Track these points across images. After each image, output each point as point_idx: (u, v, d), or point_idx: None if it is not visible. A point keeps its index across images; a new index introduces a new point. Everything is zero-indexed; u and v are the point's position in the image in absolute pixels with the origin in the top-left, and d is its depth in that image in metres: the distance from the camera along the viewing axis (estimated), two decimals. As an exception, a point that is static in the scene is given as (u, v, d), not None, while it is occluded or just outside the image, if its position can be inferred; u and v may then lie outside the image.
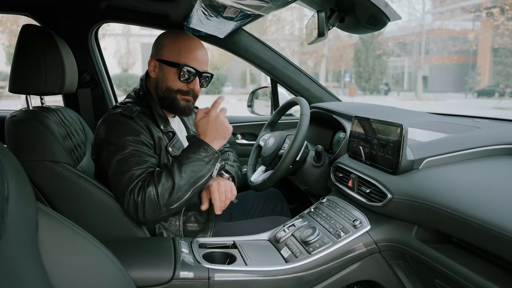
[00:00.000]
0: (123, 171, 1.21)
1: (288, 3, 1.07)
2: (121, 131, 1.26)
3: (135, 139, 1.26)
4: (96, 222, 1.26)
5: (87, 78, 2.00)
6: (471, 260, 0.86)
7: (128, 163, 1.22)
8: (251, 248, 1.21)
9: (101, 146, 1.28)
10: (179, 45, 1.35)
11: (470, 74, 24.96)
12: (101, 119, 1.34)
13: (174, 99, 1.36)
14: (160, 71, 1.37)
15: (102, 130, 1.30)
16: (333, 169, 1.42)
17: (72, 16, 1.91)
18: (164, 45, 1.37)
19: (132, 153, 1.23)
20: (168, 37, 1.39)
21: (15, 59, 1.25)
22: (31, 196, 0.67)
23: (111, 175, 1.23)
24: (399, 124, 1.06)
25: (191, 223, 1.40)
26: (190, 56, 1.34)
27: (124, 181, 1.20)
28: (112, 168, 1.22)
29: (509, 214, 0.75)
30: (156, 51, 1.39)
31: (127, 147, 1.23)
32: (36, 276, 0.64)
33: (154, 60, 1.38)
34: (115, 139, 1.25)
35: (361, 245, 1.09)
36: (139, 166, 1.22)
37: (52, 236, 0.70)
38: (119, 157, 1.22)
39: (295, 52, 26.43)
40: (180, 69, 1.32)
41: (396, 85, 30.48)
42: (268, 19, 23.65)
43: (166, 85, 1.36)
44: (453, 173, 1.00)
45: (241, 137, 2.29)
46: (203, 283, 1.03)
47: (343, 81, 30.17)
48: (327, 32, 1.19)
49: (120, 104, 1.39)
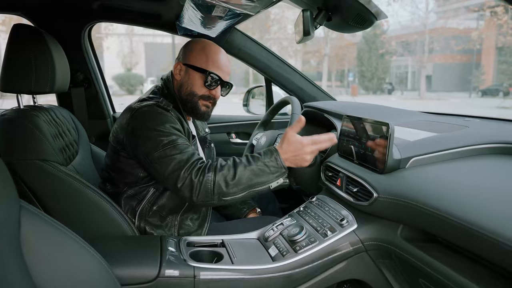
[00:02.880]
0: (173, 154, 1.21)
1: (273, 3, 1.07)
2: (161, 120, 1.27)
3: (176, 127, 1.28)
4: (86, 221, 1.27)
5: (80, 77, 2.01)
6: (455, 259, 0.85)
7: (176, 147, 1.22)
8: (239, 247, 1.21)
9: (141, 133, 1.26)
10: (207, 53, 1.40)
11: (474, 73, 24.82)
12: (131, 110, 1.32)
13: (196, 104, 1.42)
14: (185, 74, 1.42)
15: (139, 119, 1.29)
16: (323, 168, 1.42)
17: (65, 15, 1.92)
18: (193, 51, 1.42)
19: (178, 138, 1.25)
20: (198, 44, 1.44)
21: (5, 58, 1.26)
22: (14, 194, 0.68)
23: (157, 158, 1.21)
24: (386, 123, 1.06)
25: (187, 222, 1.40)
26: (216, 64, 1.40)
27: (178, 162, 1.20)
28: (159, 152, 1.21)
29: (489, 213, 0.74)
30: (184, 56, 1.44)
31: (172, 133, 1.25)
32: (17, 273, 0.65)
33: (181, 63, 1.43)
34: (156, 125, 1.25)
35: (348, 244, 1.09)
36: (188, 149, 1.23)
37: (35, 234, 0.70)
38: (165, 141, 1.22)
39: (298, 51, 26.42)
40: (206, 75, 1.38)
41: (399, 85, 30.38)
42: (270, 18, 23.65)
43: (190, 89, 1.41)
44: (438, 172, 1.00)
45: (235, 136, 2.29)
46: (188, 281, 1.03)
47: (346, 81, 30.10)
48: (313, 31, 1.18)
49: (147, 97, 1.39)
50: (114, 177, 1.39)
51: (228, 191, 1.19)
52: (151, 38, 27.29)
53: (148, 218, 1.35)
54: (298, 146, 1.21)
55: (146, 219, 1.35)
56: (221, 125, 2.28)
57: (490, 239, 0.70)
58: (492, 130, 1.21)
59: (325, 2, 1.21)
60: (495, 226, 0.70)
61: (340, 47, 26.95)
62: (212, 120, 2.25)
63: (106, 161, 1.45)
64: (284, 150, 1.22)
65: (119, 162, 1.36)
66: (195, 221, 1.42)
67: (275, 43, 25.41)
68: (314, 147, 1.22)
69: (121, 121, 1.34)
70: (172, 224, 1.38)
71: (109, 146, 1.43)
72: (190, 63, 1.41)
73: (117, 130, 1.36)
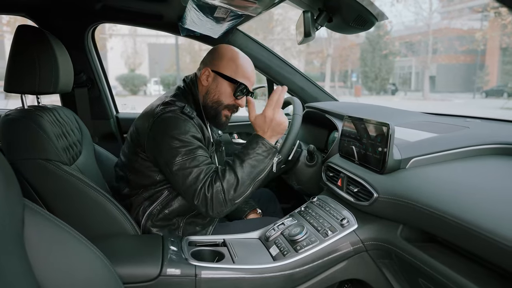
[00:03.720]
0: (192, 166, 1.22)
1: (274, 4, 1.07)
2: (184, 128, 1.26)
3: (197, 137, 1.28)
4: (88, 220, 1.28)
5: (83, 78, 2.02)
6: (454, 259, 0.86)
7: (196, 158, 1.23)
8: (241, 246, 1.22)
9: (163, 140, 1.26)
10: (237, 62, 1.39)
11: (478, 73, 24.70)
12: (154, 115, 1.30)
13: (220, 113, 1.42)
14: (214, 82, 1.40)
15: (162, 125, 1.28)
16: (324, 169, 1.42)
17: (68, 17, 1.93)
18: (223, 59, 1.40)
19: (198, 149, 1.25)
20: (227, 51, 1.42)
21: (10, 59, 1.27)
22: (18, 193, 0.69)
23: (177, 169, 1.22)
24: (386, 123, 1.07)
25: (192, 224, 1.41)
26: (246, 75, 1.40)
27: (195, 177, 1.21)
28: (178, 162, 1.22)
29: (487, 213, 0.75)
30: (212, 62, 1.42)
31: (193, 143, 1.25)
32: (21, 271, 0.66)
33: (209, 70, 1.40)
34: (179, 134, 1.25)
35: (348, 244, 1.10)
36: (205, 162, 1.25)
37: (38, 233, 0.71)
38: (185, 152, 1.23)
39: (301, 52, 26.38)
40: (237, 86, 1.38)
41: (403, 85, 30.28)
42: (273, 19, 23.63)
43: (218, 98, 1.40)
44: (438, 173, 1.01)
45: (237, 137, 2.30)
46: (190, 280, 1.04)
47: (350, 81, 30.03)
48: (314, 32, 1.19)
49: (171, 101, 1.35)
50: (130, 178, 1.39)
51: (237, 194, 1.22)
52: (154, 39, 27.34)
53: (155, 219, 1.35)
54: (267, 120, 1.26)
55: (153, 220, 1.35)
56: None
57: (488, 239, 0.70)
58: (492, 131, 1.21)
59: (326, 3, 1.21)
60: (493, 226, 0.71)
61: (343, 48, 26.89)
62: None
63: (122, 159, 1.44)
64: (262, 131, 1.28)
65: (137, 163, 1.36)
66: (200, 225, 1.42)
67: (278, 43, 25.40)
68: (276, 109, 1.27)
69: (143, 125, 1.32)
70: (178, 226, 1.38)
71: (127, 145, 1.42)
72: (220, 70, 1.39)
73: (137, 132, 1.35)
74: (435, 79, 28.01)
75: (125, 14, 1.91)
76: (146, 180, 1.35)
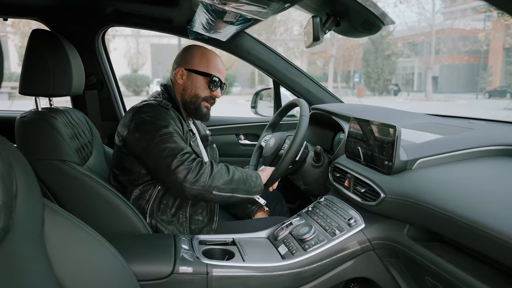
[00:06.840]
0: (170, 142, 1.30)
1: (284, 8, 1.10)
2: (161, 115, 1.37)
3: (174, 124, 1.38)
4: (101, 219, 1.31)
5: (94, 80, 2.06)
6: (460, 258, 0.88)
7: (172, 138, 1.32)
8: (250, 245, 1.25)
9: (141, 127, 1.35)
10: (207, 58, 1.52)
11: (481, 74, 24.62)
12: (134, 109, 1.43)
13: (199, 105, 1.53)
14: (188, 79, 1.51)
15: (139, 114, 1.38)
16: (331, 169, 1.45)
17: (79, 20, 1.97)
18: (194, 57, 1.52)
19: (173, 133, 1.34)
20: (197, 50, 1.54)
21: (25, 63, 1.30)
22: (38, 193, 0.72)
23: (155, 144, 1.30)
24: (393, 125, 1.09)
25: (196, 217, 1.46)
26: (217, 68, 1.53)
27: (173, 149, 1.29)
28: (155, 140, 1.31)
29: (492, 213, 0.77)
30: (184, 61, 1.53)
31: (169, 127, 1.35)
32: (42, 268, 0.69)
33: (182, 69, 1.52)
34: (156, 120, 1.35)
35: (355, 243, 1.13)
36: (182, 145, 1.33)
37: (58, 231, 0.74)
38: (162, 132, 1.32)
39: (304, 53, 26.32)
40: (211, 78, 1.50)
41: (406, 86, 30.22)
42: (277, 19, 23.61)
43: (194, 92, 1.51)
44: (444, 174, 1.03)
45: (244, 138, 2.33)
46: (201, 277, 1.07)
47: (352, 82, 29.99)
48: (322, 36, 1.22)
49: (148, 99, 1.48)
50: (119, 176, 1.46)
51: (220, 186, 1.30)
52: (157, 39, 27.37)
53: (158, 215, 1.40)
54: None
55: (157, 217, 1.40)
56: (230, 126, 2.31)
57: (493, 238, 0.72)
58: (496, 132, 1.23)
59: (334, 8, 1.24)
60: (499, 225, 0.73)
61: (346, 48, 26.85)
62: (221, 121, 2.30)
63: (112, 161, 1.53)
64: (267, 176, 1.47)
65: (122, 160, 1.44)
66: (205, 216, 1.47)
67: (281, 44, 25.39)
68: None
69: (124, 120, 1.43)
70: (183, 219, 1.43)
71: (114, 146, 1.51)
72: (193, 67, 1.50)
73: (121, 129, 1.44)
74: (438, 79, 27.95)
75: (135, 18, 1.94)
76: (132, 176, 1.42)
